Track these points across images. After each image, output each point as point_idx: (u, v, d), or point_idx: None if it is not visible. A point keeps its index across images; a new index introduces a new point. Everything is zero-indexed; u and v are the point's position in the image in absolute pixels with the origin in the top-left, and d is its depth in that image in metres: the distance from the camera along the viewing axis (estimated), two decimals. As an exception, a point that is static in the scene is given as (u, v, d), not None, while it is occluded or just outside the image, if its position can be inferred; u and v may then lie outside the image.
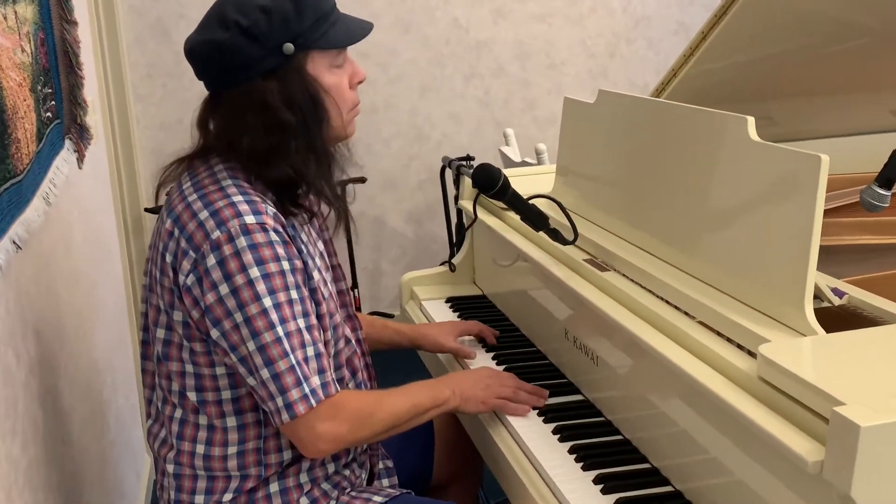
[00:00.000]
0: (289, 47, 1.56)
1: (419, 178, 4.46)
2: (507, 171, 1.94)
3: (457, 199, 2.94)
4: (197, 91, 1.64)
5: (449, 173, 3.63)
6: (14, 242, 1.52)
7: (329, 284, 1.71)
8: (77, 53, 2.11)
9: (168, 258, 1.56)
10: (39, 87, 1.80)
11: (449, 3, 4.31)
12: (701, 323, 1.56)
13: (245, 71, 1.56)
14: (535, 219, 1.94)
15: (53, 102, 1.93)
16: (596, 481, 1.59)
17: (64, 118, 2.04)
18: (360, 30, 1.65)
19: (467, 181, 2.64)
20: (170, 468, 1.67)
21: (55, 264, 1.98)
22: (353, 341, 1.79)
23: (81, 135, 2.15)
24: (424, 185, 4.46)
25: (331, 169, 1.66)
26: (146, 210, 4.04)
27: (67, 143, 2.05)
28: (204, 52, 1.58)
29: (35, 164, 1.71)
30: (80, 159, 2.13)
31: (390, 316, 4.32)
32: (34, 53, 1.78)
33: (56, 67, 1.99)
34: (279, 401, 1.51)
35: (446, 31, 4.34)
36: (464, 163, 3.11)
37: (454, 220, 3.63)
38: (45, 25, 1.91)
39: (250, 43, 1.54)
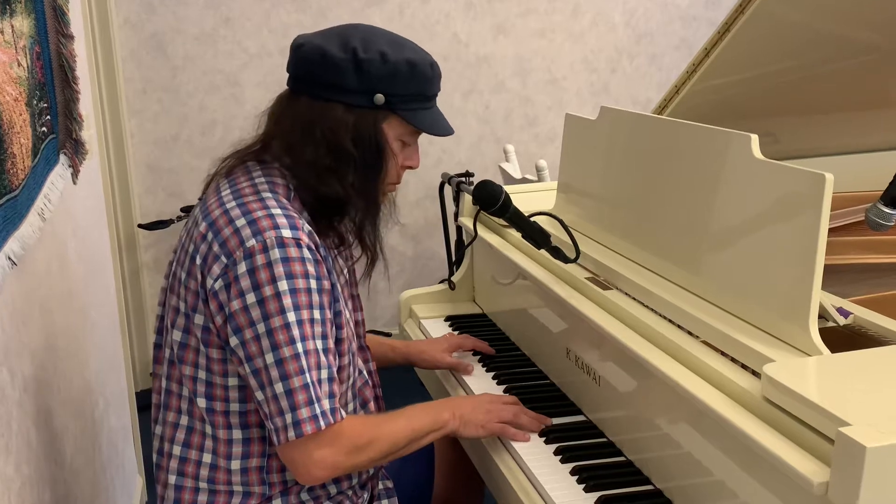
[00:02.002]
0: (380, 98, 1.62)
1: (417, 195, 4.44)
2: (507, 188, 1.92)
3: (456, 216, 2.91)
4: (193, 106, 1.64)
5: (448, 190, 3.60)
6: (9, 259, 1.51)
7: (350, 312, 1.71)
8: (73, 68, 2.09)
9: (198, 260, 1.57)
10: (35, 102, 1.78)
11: (449, 17, 4.29)
12: (704, 342, 1.55)
13: (333, 92, 1.62)
14: (537, 236, 1.93)
15: (49, 117, 1.91)
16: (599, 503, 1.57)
17: (59, 133, 2.02)
18: (444, 126, 1.71)
19: (467, 198, 2.63)
20: (171, 479, 1.66)
21: (49, 281, 1.96)
22: (365, 372, 1.80)
23: (76, 150, 2.13)
24: (422, 203, 4.44)
25: (377, 215, 1.72)
26: (140, 226, 4.03)
27: (62, 158, 2.03)
28: (310, 55, 1.63)
29: (30, 180, 1.69)
30: (75, 174, 2.12)
31: (387, 335, 4.30)
32: (30, 67, 1.77)
33: (52, 82, 1.97)
34: (288, 417, 1.50)
35: (446, 47, 4.32)
36: (463, 179, 3.09)
37: (453, 237, 3.60)
38: (41, 39, 1.90)
39: (355, 73, 1.60)
